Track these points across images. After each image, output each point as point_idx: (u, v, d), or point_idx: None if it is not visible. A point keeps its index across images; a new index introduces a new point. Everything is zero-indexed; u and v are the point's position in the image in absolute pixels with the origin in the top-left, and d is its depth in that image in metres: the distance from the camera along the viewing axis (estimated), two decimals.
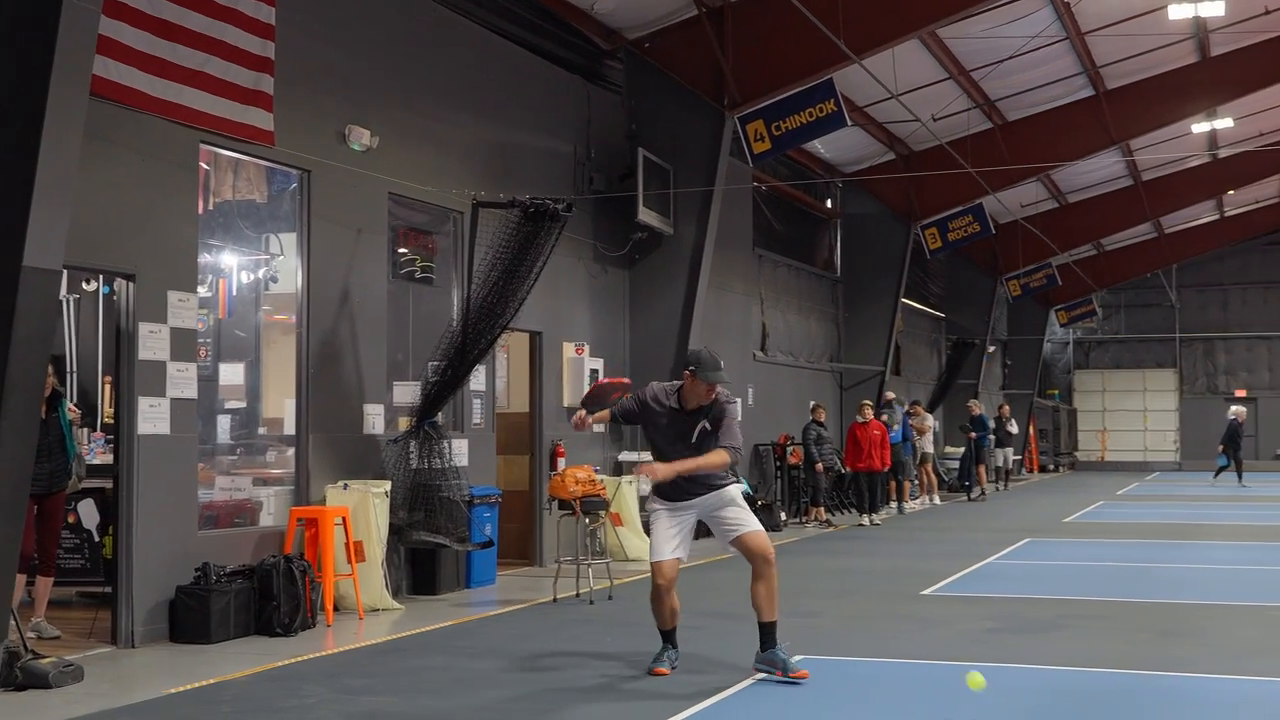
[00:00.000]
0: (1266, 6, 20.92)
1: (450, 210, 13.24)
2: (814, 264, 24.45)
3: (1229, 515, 21.50)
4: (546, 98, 15.15)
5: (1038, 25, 19.79)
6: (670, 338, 16.53)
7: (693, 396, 7.97)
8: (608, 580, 12.17)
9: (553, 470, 14.86)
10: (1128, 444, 43.74)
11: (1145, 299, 42.85)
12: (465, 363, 11.86)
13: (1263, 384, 42.04)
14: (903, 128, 23.38)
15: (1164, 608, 10.97)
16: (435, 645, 9.45)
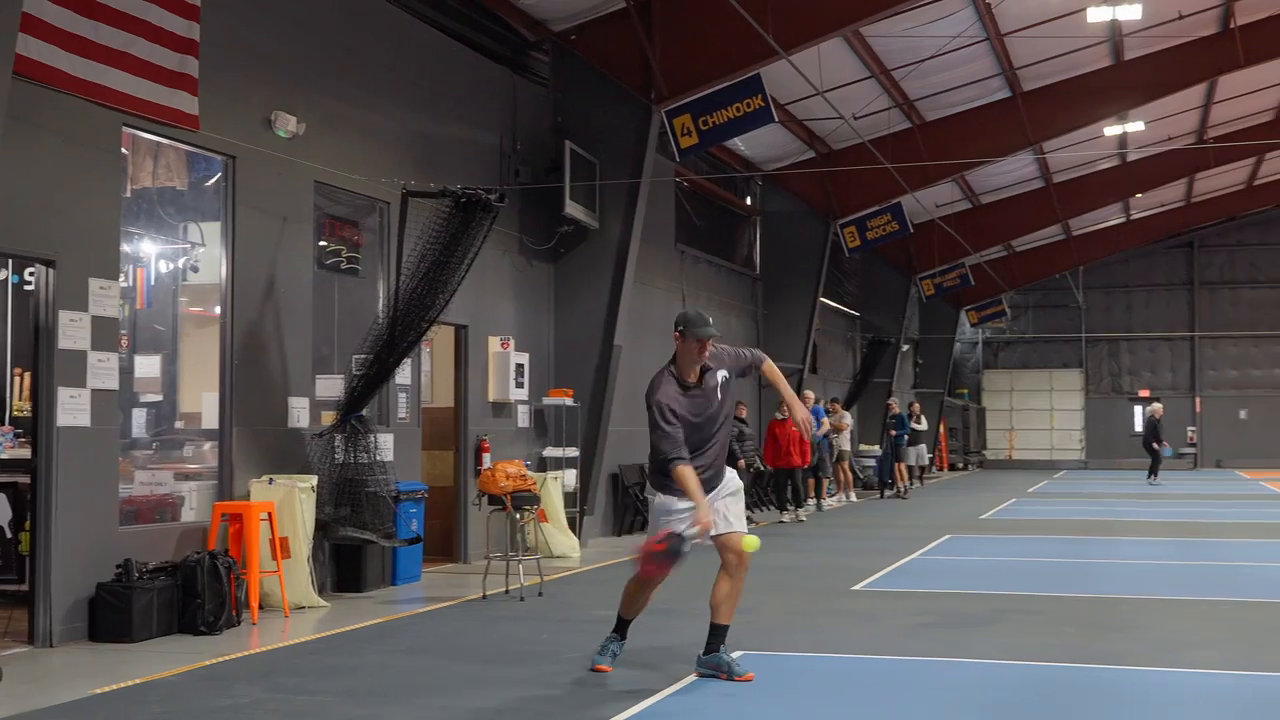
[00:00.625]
0: (1180, 11, 21.29)
1: (377, 200, 13.01)
2: (733, 261, 24.44)
3: (1140, 512, 21.83)
4: (473, 88, 14.95)
5: (959, 25, 19.94)
6: (595, 332, 16.39)
7: (688, 362, 7.61)
8: (538, 577, 12.00)
9: (478, 466, 14.69)
10: (1034, 443, 44.39)
11: (1052, 300, 43.49)
12: (393, 356, 11.63)
13: (1165, 384, 42.85)
14: (823, 126, 23.45)
15: (1093, 602, 11.06)
16: (368, 643, 9.23)
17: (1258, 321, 42.12)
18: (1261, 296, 42.20)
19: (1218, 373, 42.65)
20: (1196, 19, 22.00)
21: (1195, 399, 42.54)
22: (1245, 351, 42.40)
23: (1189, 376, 42.81)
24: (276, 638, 9.53)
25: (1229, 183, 36.83)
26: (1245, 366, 42.41)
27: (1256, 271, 42.24)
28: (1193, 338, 42.71)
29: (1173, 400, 41.91)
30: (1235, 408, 42.30)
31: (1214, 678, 7.85)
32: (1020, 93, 23.67)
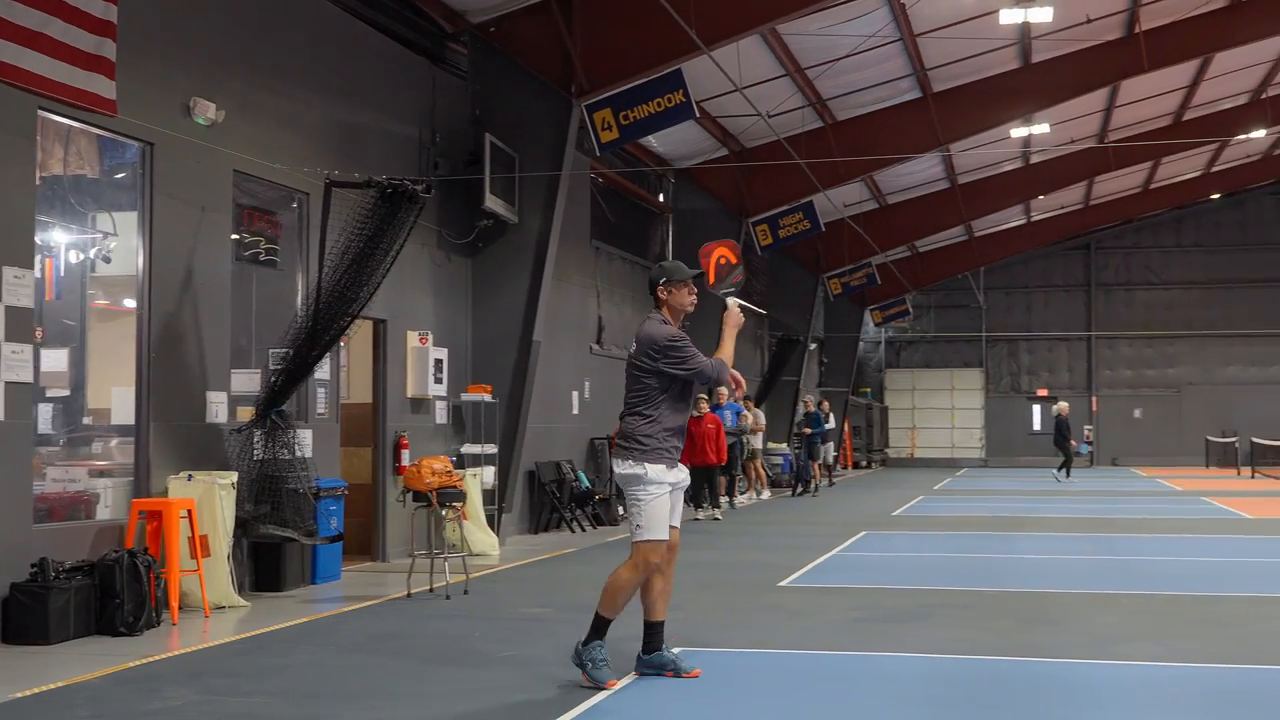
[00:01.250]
0: (1089, 15, 21.63)
1: (295, 191, 12.73)
2: (647, 258, 24.37)
3: (1048, 508, 22.13)
4: (392, 79, 14.71)
5: (874, 25, 20.05)
6: (514, 328, 16.21)
7: (677, 313, 7.48)
8: (461, 575, 11.82)
9: (396, 463, 14.45)
10: (936, 441, 44.95)
11: (954, 300, 44.06)
12: (315, 350, 11.37)
13: (1062, 383, 43.61)
14: (736, 123, 23.47)
15: (1019, 596, 11.13)
16: (297, 643, 8.99)
17: (1151, 322, 43.04)
18: (1155, 298, 43.13)
19: (1113, 372, 43.51)
20: (1103, 23, 22.37)
21: (1092, 398, 43.35)
22: (1140, 352, 43.30)
23: (1086, 376, 43.62)
24: (200, 638, 9.25)
25: (1126, 186, 37.58)
26: (1140, 366, 43.31)
27: (1151, 273, 43.16)
28: (1089, 338, 43.53)
29: (1070, 399, 42.50)
30: (1130, 407, 43.19)
31: (1149, 669, 7.92)
32: (931, 93, 23.88)
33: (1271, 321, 41.88)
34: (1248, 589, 11.67)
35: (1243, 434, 38.86)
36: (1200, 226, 42.68)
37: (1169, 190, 38.94)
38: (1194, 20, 22.69)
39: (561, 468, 18.51)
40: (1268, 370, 42.24)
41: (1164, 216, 42.31)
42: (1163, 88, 27.45)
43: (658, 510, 7.29)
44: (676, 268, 7.57)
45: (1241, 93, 29.77)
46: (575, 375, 19.80)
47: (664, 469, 7.31)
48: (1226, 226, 42.45)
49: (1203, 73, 26.95)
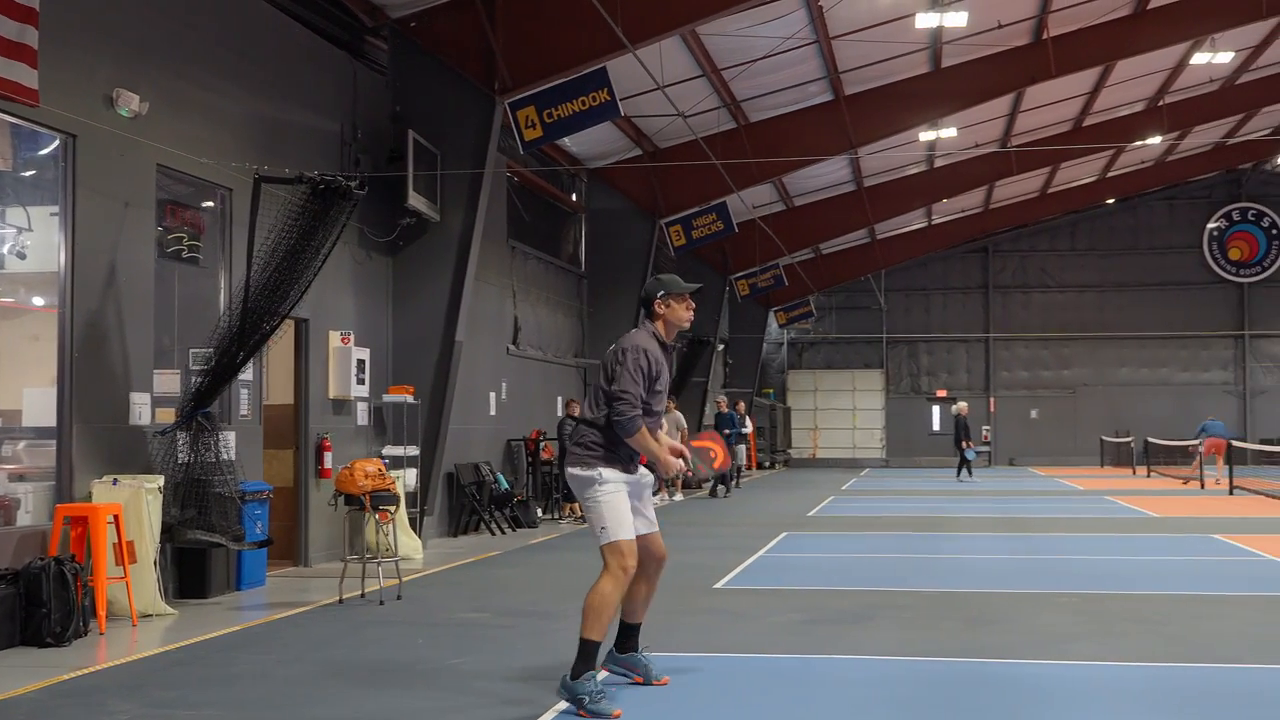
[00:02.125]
0: (1000, 21, 21.90)
1: (218, 186, 12.38)
2: (560, 257, 24.20)
3: (960, 508, 22.35)
4: (314, 73, 14.40)
5: (793, 27, 20.10)
6: (435, 328, 15.96)
7: (674, 328, 7.30)
8: (391, 579, 11.57)
9: (318, 465, 14.15)
10: (838, 441, 45.31)
11: (855, 302, 44.44)
12: (243, 350, 11.05)
13: (961, 384, 44.21)
14: (650, 124, 23.39)
15: (955, 597, 11.17)
16: (235, 652, 8.71)
17: (1047, 324, 43.81)
18: (1051, 300, 43.91)
19: (1010, 373, 44.22)
20: (1012, 29, 22.68)
21: (990, 399, 44.00)
22: (1036, 353, 44.05)
23: (984, 377, 44.26)
24: (132, 648, 8.93)
25: (1025, 190, 38.22)
26: (1036, 368, 44.06)
27: (1047, 276, 43.92)
28: (987, 339, 44.18)
29: (968, 400, 43.09)
30: (1027, 407, 43.92)
31: (1102, 669, 7.95)
32: (843, 96, 24.01)
33: (1163, 324, 42.88)
34: (1172, 588, 11.85)
35: (1135, 434, 39.78)
36: (1094, 231, 43.54)
37: (1066, 195, 39.70)
38: (1100, 27, 23.10)
39: (480, 469, 18.29)
40: (1158, 372, 43.22)
41: (1060, 221, 43.10)
42: (1065, 94, 27.94)
43: (616, 507, 7.02)
44: (674, 281, 7.37)
45: (1139, 100, 30.41)
46: (493, 376, 19.58)
47: (618, 471, 7.09)
48: (1120, 231, 43.36)
49: (1104, 80, 27.47)
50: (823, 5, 19.60)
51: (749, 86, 22.70)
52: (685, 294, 7.31)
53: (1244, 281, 42.66)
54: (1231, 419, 42.08)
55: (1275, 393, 42.49)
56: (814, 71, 22.89)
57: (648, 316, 7.38)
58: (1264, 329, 42.63)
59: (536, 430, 20.98)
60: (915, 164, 31.72)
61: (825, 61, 22.34)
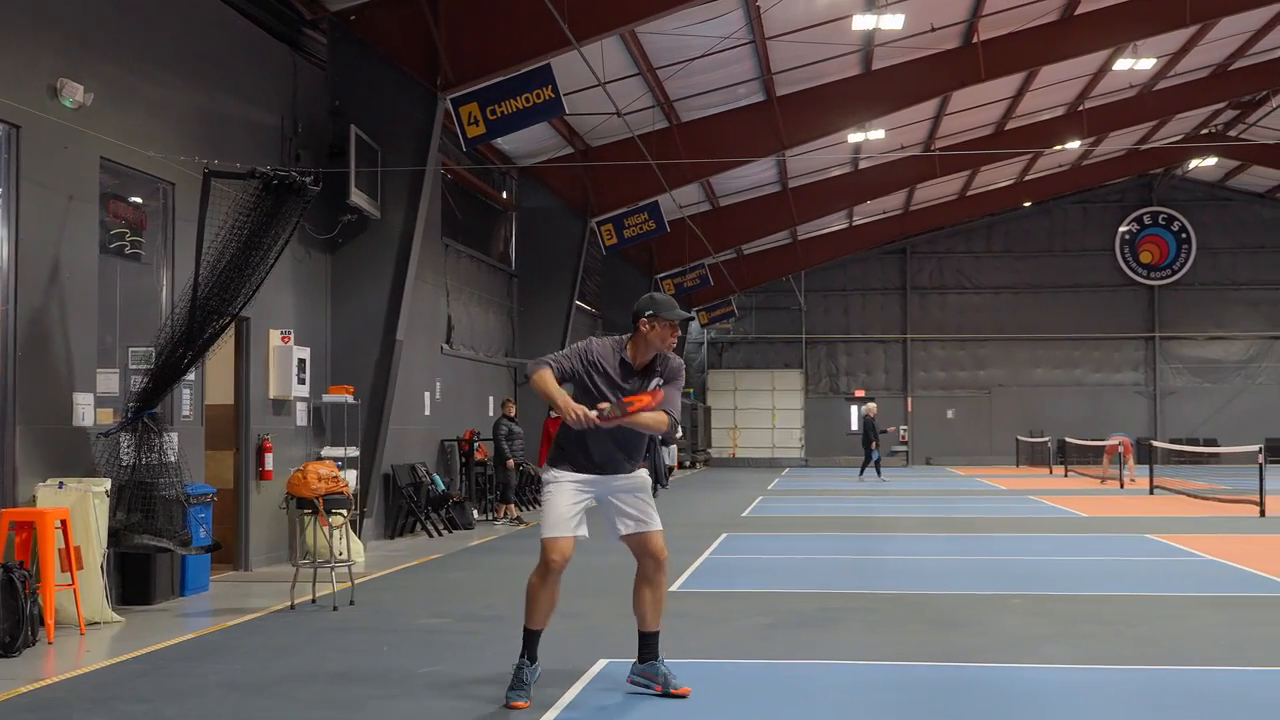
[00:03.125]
0: (933, 24, 22.05)
1: (161, 180, 12.03)
2: (491, 256, 23.96)
3: (891, 509, 22.48)
4: (255, 65, 14.07)
5: (730, 27, 20.07)
6: (375, 327, 15.69)
7: (651, 349, 7.09)
8: (348, 582, 11.32)
9: (259, 467, 13.84)
10: (757, 441, 45.48)
11: (775, 302, 44.63)
12: (192, 349, 10.74)
13: (879, 385, 44.59)
14: (583, 122, 23.24)
15: (916, 599, 11.17)
16: (197, 661, 8.43)
17: (963, 325, 44.33)
18: (967, 302, 44.43)
19: (927, 374, 44.67)
20: (943, 32, 22.85)
21: (907, 399, 44.41)
22: (952, 354, 44.55)
23: (901, 377, 44.67)
24: (85, 658, 8.62)
25: (944, 193, 38.66)
26: (952, 368, 44.55)
27: (963, 278, 44.43)
28: (905, 340, 44.59)
29: (886, 400, 43.64)
30: (943, 407, 44.40)
31: (1080, 673, 7.93)
32: (775, 97, 24.05)
33: (1075, 326, 43.57)
34: (1124, 588, 11.96)
35: (1049, 434, 40.39)
36: (1010, 233, 44.12)
37: (984, 198, 40.21)
38: (1030, 32, 23.38)
39: (417, 470, 18.03)
40: (1072, 373, 43.91)
41: (976, 223, 43.61)
42: (990, 98, 28.25)
43: (553, 505, 7.08)
44: (667, 304, 7.18)
45: (1060, 105, 30.85)
46: (427, 376, 19.31)
47: (566, 469, 7.10)
48: (1034, 234, 43.99)
49: (1028, 84, 27.82)
50: (760, 5, 19.60)
51: (683, 86, 22.66)
52: (675, 320, 7.13)
53: (1154, 284, 43.48)
54: (1142, 419, 43.05)
55: (1184, 394, 43.36)
56: (748, 72, 22.92)
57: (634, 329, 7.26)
58: (1173, 331, 43.49)
59: (470, 430, 20.75)
60: (840, 165, 31.91)
61: (760, 62, 22.36)
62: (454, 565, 14.34)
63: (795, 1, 19.74)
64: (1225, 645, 8.86)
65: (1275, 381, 43.09)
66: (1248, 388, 43.00)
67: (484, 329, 23.13)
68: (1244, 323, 43.35)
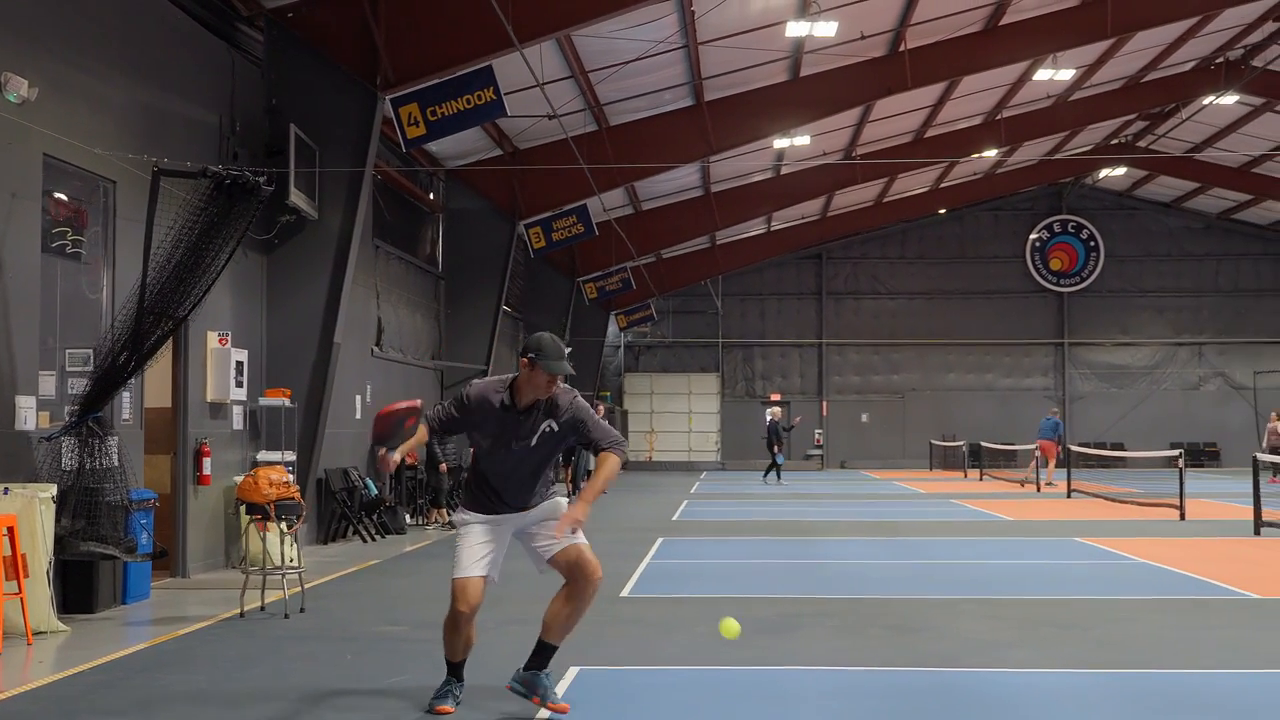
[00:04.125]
0: (863, 31, 22.24)
1: (102, 178, 11.75)
2: (418, 258, 23.73)
3: (819, 512, 22.60)
4: (193, 61, 13.81)
5: (664, 31, 20.06)
6: (312, 329, 15.49)
7: (529, 390, 6.86)
8: (299, 588, 11.12)
9: (197, 471, 13.57)
10: (673, 444, 45.54)
11: (692, 306, 44.74)
12: (138, 353, 10.50)
13: (795, 389, 44.91)
14: (512, 124, 23.09)
15: (875, 603, 11.19)
16: (159, 672, 8.22)
17: (877, 330, 44.77)
18: (881, 307, 44.86)
19: (842, 378, 45.05)
20: (870, 41, 23.04)
21: (822, 403, 44.77)
22: (867, 359, 44.97)
23: (816, 381, 45.01)
24: (37, 670, 8.37)
25: (861, 199, 39.02)
26: (867, 373, 44.98)
27: (878, 283, 44.87)
28: (820, 345, 44.93)
29: (801, 404, 43.98)
30: (858, 411, 44.79)
31: (1056, 677, 8.03)
32: (704, 102, 24.10)
33: (987, 331, 44.20)
34: (1070, 592, 12.14)
35: (961, 437, 40.92)
36: (923, 240, 44.64)
37: (900, 204, 40.64)
38: (956, 41, 23.67)
39: (350, 475, 17.80)
40: (983, 377, 44.53)
41: (891, 229, 44.05)
42: (911, 106, 28.55)
43: (461, 547, 7.06)
44: (553, 352, 6.84)
45: (978, 114, 31.28)
46: (358, 379, 19.08)
47: (474, 511, 7.09)
48: (947, 240, 44.56)
49: (949, 93, 28.16)
50: (695, 11, 19.62)
51: (613, 89, 22.62)
52: (553, 374, 6.84)
53: (1064, 291, 44.23)
54: None
55: (1092, 398, 44.18)
56: (679, 77, 22.94)
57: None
58: (1082, 337, 44.28)
59: None
60: (762, 171, 32.07)
61: (691, 67, 22.38)
62: (394, 572, 14.17)
63: (730, 7, 19.77)
64: (1185, 649, 9.02)
65: (1179, 387, 44.07)
66: (1153, 393, 43.92)
67: (412, 332, 22.91)
68: (1150, 329, 44.29)
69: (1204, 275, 44.13)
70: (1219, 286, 44.08)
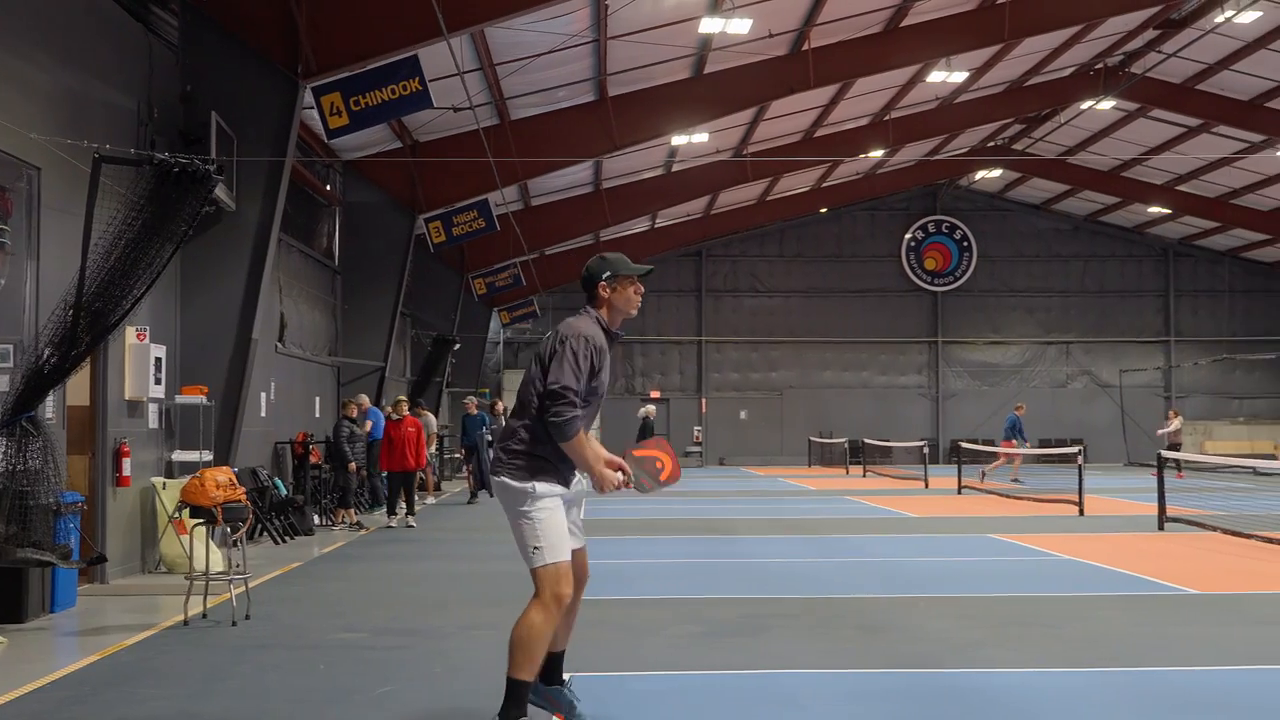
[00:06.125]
0: (771, 30, 22.27)
1: (26, 165, 11.14)
2: (315, 250, 23.13)
3: (724, 510, 22.58)
4: (112, 44, 13.19)
5: (578, 25, 19.84)
6: (229, 325, 14.94)
7: (620, 312, 6.57)
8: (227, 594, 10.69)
9: (116, 473, 12.99)
10: None
11: (572, 302, 44.35)
12: (75, 349, 9.96)
13: (674, 386, 44.98)
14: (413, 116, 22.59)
15: (835, 603, 11.12)
16: (128, 686, 7.79)
17: (756, 328, 45.06)
18: (760, 304, 45.16)
19: (721, 375, 45.24)
20: (774, 40, 23.10)
21: (701, 400, 44.91)
22: (746, 356, 45.22)
23: (696, 379, 45.13)
24: None
25: (744, 197, 39.20)
26: (745, 370, 45.24)
27: (756, 282, 45.15)
28: (700, 342, 45.05)
29: (681, 401, 44.11)
30: (737, 408, 45.03)
31: (1042, 676, 8.05)
32: (608, 98, 23.92)
33: (863, 330, 44.79)
34: (1016, 589, 12.23)
35: (837, 434, 41.42)
36: (801, 239, 45.04)
37: (781, 203, 40.94)
38: (857, 41, 23.86)
39: (259, 474, 17.25)
40: (860, 375, 45.12)
41: (770, 228, 44.36)
42: (805, 105, 28.73)
43: (553, 526, 6.29)
44: (622, 261, 6.60)
45: (867, 115, 31.61)
46: (263, 376, 18.48)
47: (554, 484, 6.39)
48: (825, 240, 45.02)
49: (841, 93, 28.40)
50: (609, 5, 19.43)
51: (519, 83, 22.31)
52: (635, 276, 6.57)
53: (937, 290, 45.02)
54: (926, 421, 44.57)
55: (964, 396, 45.04)
56: (584, 71, 22.73)
57: (590, 301, 6.65)
58: (955, 336, 45.13)
59: (302, 433, 19.98)
60: (654, 168, 31.99)
61: (598, 62, 22.19)
62: (321, 575, 13.74)
63: (644, 3, 19.64)
64: (1161, 646, 9.12)
65: (1048, 385, 45.15)
66: (1023, 391, 44.85)
67: (311, 327, 22.34)
68: (1020, 329, 45.32)
69: (1072, 276, 45.31)
70: (1086, 287, 45.29)
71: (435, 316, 32.31)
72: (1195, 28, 26.64)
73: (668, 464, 7.19)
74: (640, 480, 6.89)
